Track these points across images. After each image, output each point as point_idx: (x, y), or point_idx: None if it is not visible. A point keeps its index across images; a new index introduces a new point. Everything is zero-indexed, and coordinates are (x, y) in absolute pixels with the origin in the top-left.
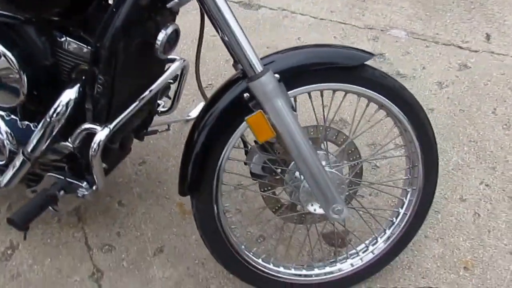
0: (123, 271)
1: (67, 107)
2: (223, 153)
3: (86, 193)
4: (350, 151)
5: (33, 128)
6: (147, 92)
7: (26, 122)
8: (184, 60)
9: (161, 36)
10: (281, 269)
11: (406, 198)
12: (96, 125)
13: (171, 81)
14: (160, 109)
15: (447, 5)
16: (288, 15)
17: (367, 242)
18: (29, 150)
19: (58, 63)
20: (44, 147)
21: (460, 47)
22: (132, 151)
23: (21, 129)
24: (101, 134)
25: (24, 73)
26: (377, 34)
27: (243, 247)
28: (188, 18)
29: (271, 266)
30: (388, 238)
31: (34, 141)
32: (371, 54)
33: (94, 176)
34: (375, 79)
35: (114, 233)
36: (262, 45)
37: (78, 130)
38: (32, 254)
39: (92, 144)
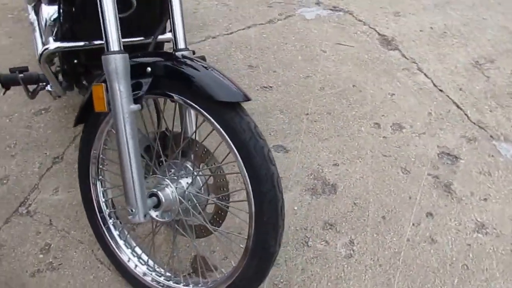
0: (63, 169)
1: (53, 19)
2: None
3: (50, 89)
4: (220, 187)
5: None
6: None
7: None
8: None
9: None
10: (127, 250)
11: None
12: (52, 39)
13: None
14: None
15: None
16: (412, 69)
17: (203, 281)
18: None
19: None
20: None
21: None
22: None
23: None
24: (49, 45)
25: None
26: (480, 137)
27: (107, 210)
28: None
29: (120, 240)
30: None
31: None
32: (246, 99)
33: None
34: (232, 123)
35: None
36: (352, 81)
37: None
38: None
39: (40, 49)
